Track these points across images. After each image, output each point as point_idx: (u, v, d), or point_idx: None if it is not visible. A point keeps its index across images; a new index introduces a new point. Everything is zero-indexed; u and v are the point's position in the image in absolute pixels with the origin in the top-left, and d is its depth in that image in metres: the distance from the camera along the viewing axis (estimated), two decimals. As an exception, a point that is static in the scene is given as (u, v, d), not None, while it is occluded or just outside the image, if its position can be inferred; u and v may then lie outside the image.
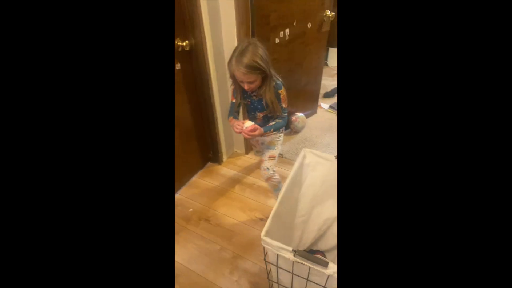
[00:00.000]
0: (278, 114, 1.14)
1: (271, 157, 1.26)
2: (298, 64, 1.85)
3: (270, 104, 1.09)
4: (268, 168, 1.26)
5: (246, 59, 0.97)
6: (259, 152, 1.59)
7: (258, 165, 1.79)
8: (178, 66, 1.33)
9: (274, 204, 1.50)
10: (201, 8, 1.26)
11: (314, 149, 1.03)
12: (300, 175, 0.98)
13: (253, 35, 1.48)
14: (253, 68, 0.98)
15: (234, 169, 1.77)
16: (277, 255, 0.69)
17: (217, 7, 1.33)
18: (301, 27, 1.69)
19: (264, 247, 0.71)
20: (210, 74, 1.47)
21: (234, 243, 1.31)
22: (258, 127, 1.10)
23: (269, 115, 1.17)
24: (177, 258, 1.25)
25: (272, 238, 0.67)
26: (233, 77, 1.06)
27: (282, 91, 1.10)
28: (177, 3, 1.21)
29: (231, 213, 1.47)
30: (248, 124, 1.09)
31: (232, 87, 1.18)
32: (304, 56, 1.85)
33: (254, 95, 1.12)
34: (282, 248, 0.66)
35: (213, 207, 1.51)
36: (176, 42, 1.28)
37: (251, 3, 1.35)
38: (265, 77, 1.05)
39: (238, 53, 0.98)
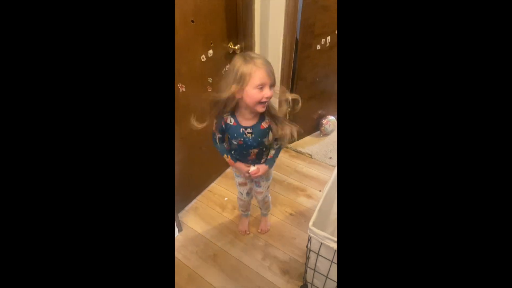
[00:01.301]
0: (279, 140, 1.01)
1: (268, 187, 1.26)
2: (334, 70, 1.93)
3: (278, 127, 0.94)
4: (267, 196, 1.31)
5: (261, 57, 0.84)
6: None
7: (282, 162, 1.89)
8: (227, 67, 1.45)
9: (304, 201, 1.61)
10: (255, 16, 1.37)
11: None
12: (339, 177, 1.08)
13: (297, 43, 1.57)
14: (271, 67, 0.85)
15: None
16: (321, 243, 0.80)
17: (267, 16, 1.44)
18: (341, 35, 1.76)
19: (309, 236, 0.82)
20: (254, 76, 1.59)
21: (266, 233, 1.43)
22: (263, 166, 1.04)
23: (263, 149, 1.03)
24: (215, 241, 1.39)
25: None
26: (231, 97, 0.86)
27: None
28: (234, 11, 1.32)
29: (263, 205, 1.59)
30: (252, 167, 1.04)
31: (215, 122, 0.97)
32: (341, 62, 1.92)
33: (249, 132, 0.94)
34: (328, 238, 0.77)
35: (246, 198, 1.63)
36: (229, 45, 1.40)
37: (301, 15, 1.45)
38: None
39: (246, 56, 0.83)
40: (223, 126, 0.97)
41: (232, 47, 1.41)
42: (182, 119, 1.30)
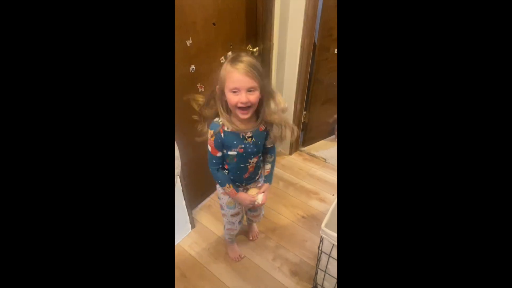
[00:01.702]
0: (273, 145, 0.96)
1: (263, 206, 1.23)
2: (351, 74, 1.92)
3: (279, 130, 0.87)
4: (262, 213, 1.28)
5: (245, 58, 0.76)
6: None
7: (296, 166, 1.89)
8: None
9: (316, 204, 1.60)
10: (274, 19, 1.40)
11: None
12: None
13: (315, 46, 1.58)
14: (256, 69, 0.75)
15: (278, 167, 1.89)
16: (333, 245, 0.80)
17: (287, 18, 1.46)
18: (360, 39, 1.76)
19: (321, 237, 0.82)
20: (271, 77, 1.61)
21: (277, 235, 1.44)
22: (265, 188, 1.01)
23: (260, 157, 0.98)
24: (226, 238, 1.42)
25: (331, 230, 0.79)
26: (219, 97, 0.81)
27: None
28: (254, 14, 1.35)
29: (275, 207, 1.59)
30: (260, 197, 0.99)
31: (212, 138, 0.87)
32: (358, 67, 1.91)
33: (249, 136, 0.87)
34: (340, 240, 0.77)
35: (258, 199, 1.65)
36: (247, 47, 1.43)
37: (320, 18, 1.46)
38: (265, 94, 0.81)
39: (235, 55, 0.78)
40: (222, 136, 0.86)
41: (251, 49, 1.44)
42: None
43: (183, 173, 1.26)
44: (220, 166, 0.94)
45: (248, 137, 0.87)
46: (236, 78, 0.74)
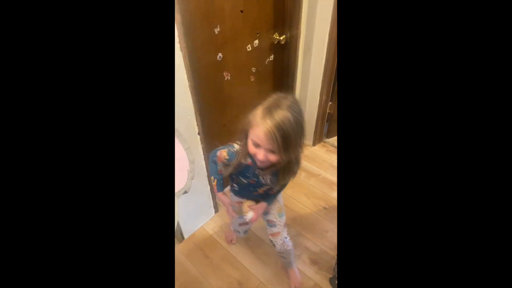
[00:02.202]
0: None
1: (285, 224, 1.10)
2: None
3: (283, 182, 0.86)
4: (286, 237, 1.08)
5: (279, 114, 0.64)
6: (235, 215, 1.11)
7: (319, 157, 1.87)
8: (271, 57, 1.48)
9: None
10: (303, 6, 1.37)
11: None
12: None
13: (344, 33, 1.53)
14: (284, 133, 0.64)
15: (301, 157, 1.89)
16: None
17: (315, 7, 1.43)
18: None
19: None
20: (297, 67, 1.59)
21: (298, 223, 1.45)
22: (260, 206, 0.95)
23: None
24: (248, 224, 1.46)
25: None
26: (244, 135, 0.74)
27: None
28: (281, 1, 1.34)
29: (296, 196, 1.60)
30: (250, 214, 0.93)
31: (224, 159, 0.84)
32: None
33: (262, 174, 0.83)
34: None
35: (280, 188, 1.66)
36: (274, 35, 1.42)
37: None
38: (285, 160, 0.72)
39: (273, 102, 0.67)
40: (235, 164, 0.83)
41: (277, 37, 1.42)
42: (225, 107, 1.37)
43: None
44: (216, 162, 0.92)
45: (261, 175, 0.84)
46: (259, 134, 0.66)
